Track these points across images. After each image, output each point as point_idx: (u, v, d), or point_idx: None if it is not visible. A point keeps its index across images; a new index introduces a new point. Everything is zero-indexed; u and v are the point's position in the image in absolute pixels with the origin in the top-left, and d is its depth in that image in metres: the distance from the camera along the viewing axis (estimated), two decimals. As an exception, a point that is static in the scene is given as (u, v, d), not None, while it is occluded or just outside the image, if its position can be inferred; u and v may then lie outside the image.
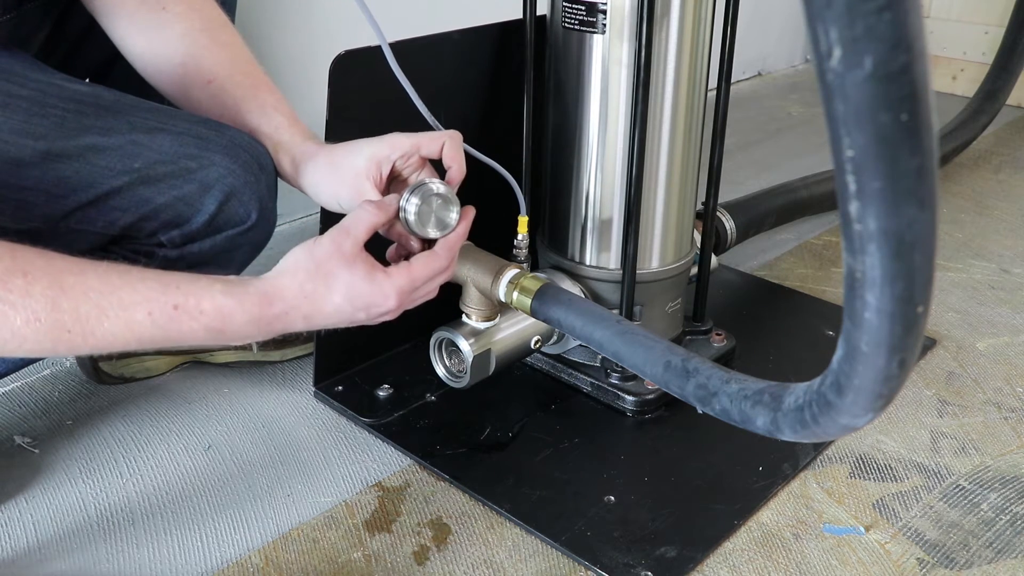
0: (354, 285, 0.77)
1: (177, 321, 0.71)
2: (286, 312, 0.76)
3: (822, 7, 0.38)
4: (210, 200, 0.90)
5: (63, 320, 0.67)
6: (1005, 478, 1.04)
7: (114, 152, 0.87)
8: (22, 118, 0.84)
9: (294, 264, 0.77)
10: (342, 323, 0.79)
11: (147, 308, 0.70)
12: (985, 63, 2.23)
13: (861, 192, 0.42)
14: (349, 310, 0.77)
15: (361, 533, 0.95)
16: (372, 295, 0.77)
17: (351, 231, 0.78)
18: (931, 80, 0.40)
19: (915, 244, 0.43)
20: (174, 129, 0.90)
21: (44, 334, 0.67)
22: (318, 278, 0.76)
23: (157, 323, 0.71)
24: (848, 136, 0.41)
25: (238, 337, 0.75)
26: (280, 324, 0.76)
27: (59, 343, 0.68)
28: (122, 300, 0.70)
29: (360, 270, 0.77)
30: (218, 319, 0.73)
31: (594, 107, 1.07)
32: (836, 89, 0.40)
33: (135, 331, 0.70)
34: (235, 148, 0.91)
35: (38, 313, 0.67)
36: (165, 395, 1.17)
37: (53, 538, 0.94)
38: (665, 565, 0.90)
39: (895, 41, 0.38)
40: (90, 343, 0.69)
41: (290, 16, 1.58)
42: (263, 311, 0.75)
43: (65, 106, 0.87)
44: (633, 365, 0.84)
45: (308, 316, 0.77)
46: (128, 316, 0.70)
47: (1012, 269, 1.56)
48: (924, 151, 0.41)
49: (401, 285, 0.79)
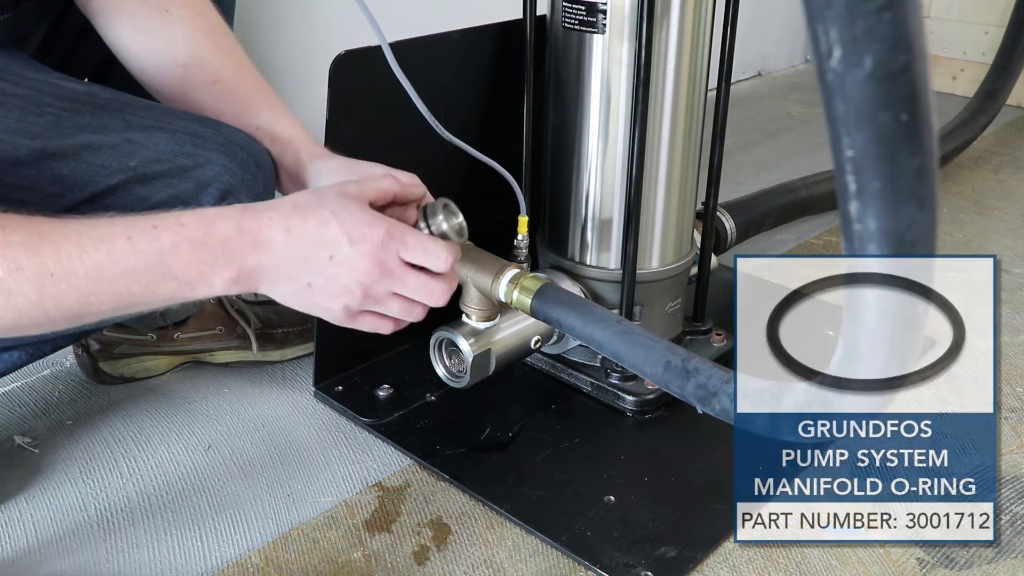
0: (345, 205, 0.74)
1: (158, 239, 0.69)
2: (271, 218, 0.73)
3: (822, 7, 0.38)
4: (207, 198, 0.90)
5: (45, 264, 0.66)
6: (1005, 478, 1.04)
7: (110, 150, 0.87)
8: (17, 117, 0.84)
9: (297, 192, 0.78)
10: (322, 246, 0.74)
11: (127, 233, 0.69)
12: (985, 63, 2.23)
13: (861, 192, 0.42)
14: (334, 229, 0.73)
15: (361, 533, 0.95)
16: (360, 219, 0.74)
17: (360, 183, 0.78)
18: (931, 80, 0.40)
19: (915, 244, 0.43)
20: (170, 127, 0.90)
21: (28, 283, 0.66)
22: (311, 195, 0.76)
23: (138, 246, 0.69)
24: (848, 136, 0.41)
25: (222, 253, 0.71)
26: (264, 232, 0.72)
27: (45, 293, 0.67)
28: (101, 233, 0.69)
29: (356, 202, 0.75)
30: (200, 228, 0.71)
31: (594, 107, 1.07)
32: (836, 89, 0.40)
33: (117, 260, 0.68)
34: (232, 146, 0.91)
35: (19, 261, 0.65)
36: (165, 395, 1.17)
37: (53, 538, 0.94)
38: (665, 565, 0.90)
39: (895, 41, 0.38)
40: (75, 286, 0.67)
41: (290, 16, 1.58)
42: (246, 215, 0.72)
43: (61, 104, 0.87)
44: (633, 365, 0.84)
45: (290, 227, 0.73)
46: (109, 247, 0.68)
47: (1012, 269, 1.56)
48: (924, 151, 0.41)
49: (392, 222, 0.76)
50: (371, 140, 1.06)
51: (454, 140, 0.91)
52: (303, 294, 0.76)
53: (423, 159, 1.09)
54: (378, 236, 0.74)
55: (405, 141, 1.06)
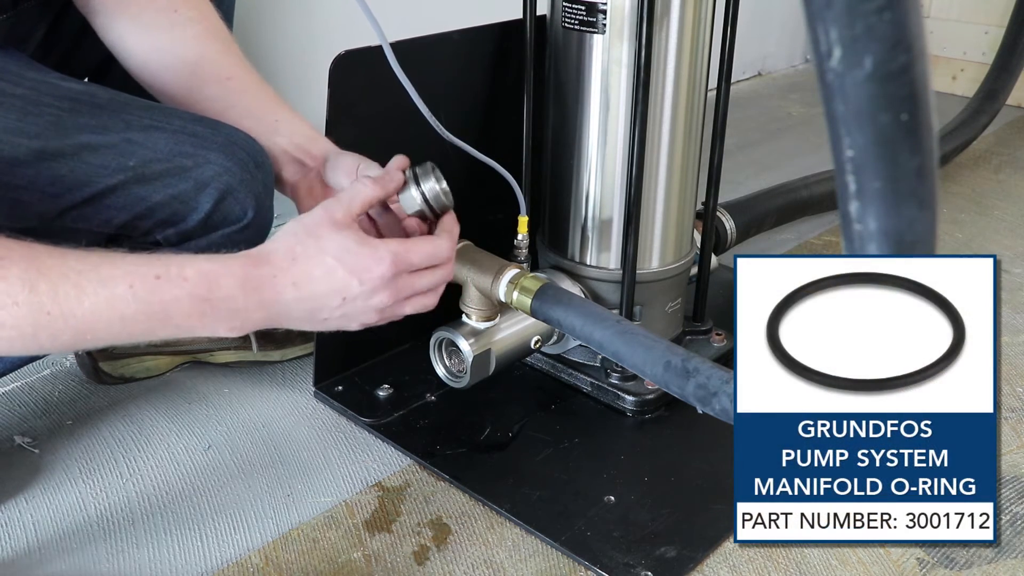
0: (346, 246, 0.74)
1: (159, 291, 0.69)
2: (274, 276, 0.73)
3: (822, 7, 0.38)
4: (205, 198, 0.90)
5: (42, 302, 0.65)
6: (1005, 478, 1.04)
7: (109, 150, 0.87)
8: (16, 117, 0.84)
9: (283, 232, 0.76)
10: (330, 298, 0.75)
11: (128, 281, 0.68)
12: (985, 63, 2.23)
13: (861, 192, 0.42)
14: (341, 274, 0.74)
15: (361, 533, 0.95)
16: (364, 257, 0.74)
17: (343, 201, 0.77)
18: (931, 80, 0.40)
19: (915, 244, 0.43)
20: (169, 127, 0.90)
21: (23, 318, 0.65)
22: (308, 240, 0.74)
23: (139, 296, 0.68)
24: (848, 136, 0.41)
25: (225, 309, 0.72)
26: (270, 291, 0.73)
27: (40, 328, 0.66)
28: (102, 276, 0.68)
29: (352, 235, 0.75)
30: (203, 284, 0.70)
31: (594, 107, 1.07)
32: (836, 89, 0.40)
33: (117, 307, 0.67)
34: (231, 146, 0.91)
35: (15, 296, 0.65)
36: (165, 395, 1.17)
37: (53, 538, 0.94)
38: (665, 565, 0.90)
39: (895, 41, 0.38)
40: (72, 325, 0.67)
41: (290, 16, 1.58)
42: (248, 272, 0.72)
43: (60, 104, 0.87)
44: (633, 365, 0.84)
45: (297, 282, 0.73)
46: (109, 292, 0.67)
47: (1012, 269, 1.56)
48: (924, 151, 0.41)
49: (396, 250, 0.76)
50: (371, 140, 1.06)
51: (454, 140, 0.91)
52: (318, 326, 0.78)
53: (423, 159, 1.09)
54: (386, 270, 0.75)
55: (405, 141, 1.06)
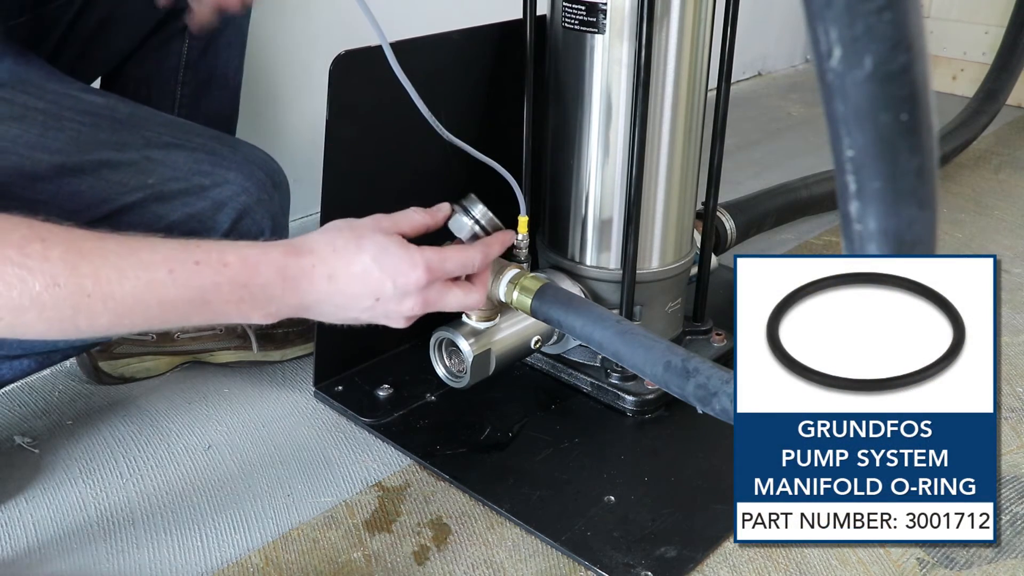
0: (385, 248, 0.76)
1: (199, 277, 0.69)
2: (313, 265, 0.73)
3: (822, 7, 0.38)
4: (223, 218, 0.90)
5: (83, 284, 0.65)
6: (1005, 478, 1.04)
7: (128, 168, 0.87)
8: (38, 132, 0.84)
9: (328, 227, 0.77)
10: (363, 297, 0.76)
11: (168, 266, 0.68)
12: (985, 63, 2.23)
13: (861, 192, 0.42)
14: (377, 274, 0.75)
15: (361, 533, 0.95)
16: (401, 261, 0.76)
17: (393, 217, 0.79)
18: (931, 80, 0.40)
19: (915, 244, 0.43)
20: (188, 145, 0.90)
21: (64, 299, 0.65)
22: (351, 237, 0.76)
23: (179, 280, 0.68)
24: (848, 136, 0.41)
25: (263, 296, 0.72)
26: (306, 281, 0.73)
27: (79, 310, 0.66)
28: (142, 260, 0.68)
29: (394, 240, 0.77)
30: (243, 271, 0.71)
31: (594, 107, 1.07)
32: (836, 89, 0.40)
33: (156, 292, 0.68)
34: (249, 166, 0.91)
35: (56, 277, 0.64)
36: (165, 395, 1.17)
37: (53, 538, 0.94)
38: (665, 565, 0.90)
39: (895, 41, 0.38)
40: (111, 308, 0.67)
41: (290, 16, 1.58)
42: (288, 261, 0.73)
43: (81, 119, 0.87)
44: (633, 365, 0.84)
45: (333, 275, 0.74)
46: (149, 276, 0.68)
47: (1012, 269, 1.56)
48: (924, 151, 0.41)
49: (430, 258, 0.77)
50: (371, 140, 1.06)
51: (454, 140, 0.91)
52: (347, 320, 0.78)
53: (423, 159, 1.09)
54: (421, 276, 0.77)
55: (405, 141, 1.06)
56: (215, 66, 1.14)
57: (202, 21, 1.06)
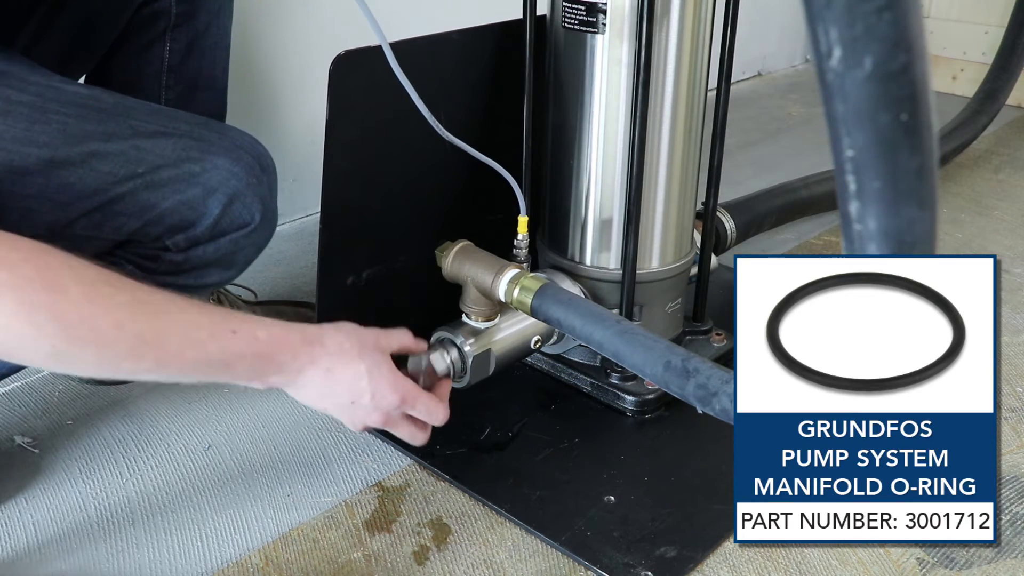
0: (381, 365, 0.85)
1: (233, 345, 0.75)
2: (320, 357, 0.81)
3: (822, 7, 0.38)
4: (214, 204, 0.90)
5: (142, 331, 0.70)
6: (1005, 478, 1.04)
7: (117, 158, 0.87)
8: (24, 126, 0.84)
9: (341, 326, 0.85)
10: (345, 394, 0.83)
11: (209, 330, 0.74)
12: (985, 63, 2.23)
13: (861, 192, 0.42)
14: (364, 384, 0.83)
15: (361, 533, 0.95)
16: (387, 382, 0.85)
17: (389, 336, 0.88)
18: (931, 80, 0.40)
19: (915, 244, 0.43)
20: (175, 132, 0.90)
21: (124, 342, 0.69)
22: (356, 344, 0.83)
23: (218, 342, 0.74)
24: (848, 136, 0.41)
25: (274, 371, 0.78)
26: (311, 368, 0.81)
27: (132, 352, 0.70)
28: (189, 319, 0.73)
29: (386, 362, 0.86)
30: (269, 347, 0.77)
31: (594, 107, 1.07)
32: (836, 89, 0.40)
33: (194, 350, 0.73)
34: (237, 150, 0.91)
35: (122, 320, 0.68)
36: (165, 395, 1.17)
37: (53, 538, 0.94)
38: (665, 565, 0.90)
39: (895, 41, 0.38)
40: (156, 357, 0.71)
41: (290, 16, 1.58)
42: (303, 348, 0.80)
43: (67, 111, 0.87)
44: (633, 365, 0.84)
45: (331, 369, 0.82)
46: (195, 335, 0.73)
47: (1012, 269, 1.56)
48: (924, 151, 0.41)
49: (409, 390, 0.86)
50: (371, 140, 1.06)
51: (454, 140, 0.91)
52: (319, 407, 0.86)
53: (423, 159, 1.09)
54: (395, 400, 0.85)
55: (405, 141, 1.06)
56: (200, 68, 1.14)
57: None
